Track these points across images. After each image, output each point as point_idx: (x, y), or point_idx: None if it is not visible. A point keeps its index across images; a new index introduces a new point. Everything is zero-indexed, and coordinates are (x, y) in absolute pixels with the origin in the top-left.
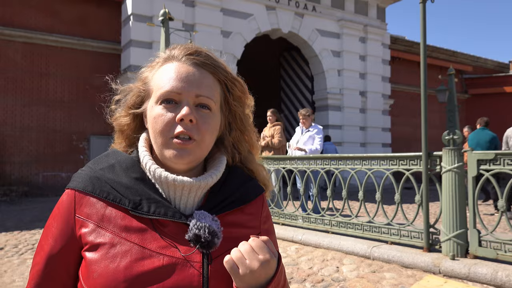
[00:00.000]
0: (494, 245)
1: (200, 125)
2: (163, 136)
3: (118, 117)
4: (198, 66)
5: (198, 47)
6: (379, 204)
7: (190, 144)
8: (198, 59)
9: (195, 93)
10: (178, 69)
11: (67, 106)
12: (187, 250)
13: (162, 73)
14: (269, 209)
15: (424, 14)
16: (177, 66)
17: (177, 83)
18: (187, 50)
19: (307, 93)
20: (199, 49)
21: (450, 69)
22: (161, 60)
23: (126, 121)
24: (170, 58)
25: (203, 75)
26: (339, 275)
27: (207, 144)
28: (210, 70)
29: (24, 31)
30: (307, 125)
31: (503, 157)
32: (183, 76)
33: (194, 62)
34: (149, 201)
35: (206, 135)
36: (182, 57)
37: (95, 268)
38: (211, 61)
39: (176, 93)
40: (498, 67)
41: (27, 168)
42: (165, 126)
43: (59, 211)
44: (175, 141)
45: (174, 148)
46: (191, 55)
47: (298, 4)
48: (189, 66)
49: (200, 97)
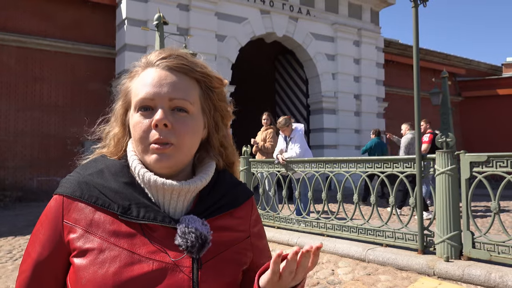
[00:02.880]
0: (487, 247)
1: (177, 128)
2: (142, 143)
3: (110, 134)
4: (171, 69)
5: (173, 49)
6: (374, 206)
7: (168, 149)
8: (171, 61)
9: (168, 97)
10: (151, 75)
11: (62, 110)
12: (177, 255)
13: (138, 81)
14: (265, 212)
15: (416, 18)
16: (151, 72)
17: (150, 89)
18: (160, 55)
19: (302, 97)
20: (172, 51)
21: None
22: (139, 69)
23: (116, 132)
24: (146, 65)
25: (177, 78)
26: (334, 278)
27: (189, 147)
28: (184, 71)
29: (18, 36)
30: (287, 133)
31: (495, 159)
32: (155, 82)
33: (167, 65)
34: (138, 206)
35: (185, 138)
36: (156, 62)
37: (84, 274)
38: (184, 62)
39: (150, 99)
40: (491, 69)
41: (21, 173)
42: (143, 133)
43: (47, 217)
44: (153, 146)
45: (153, 153)
46: (164, 59)
47: (293, 8)
48: (162, 70)
49: (174, 100)
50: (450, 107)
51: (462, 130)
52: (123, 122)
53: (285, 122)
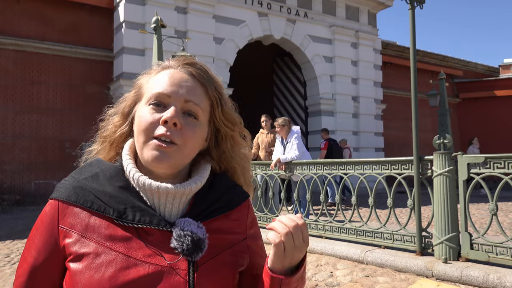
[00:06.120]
0: (485, 248)
1: (184, 130)
2: (144, 134)
3: (111, 122)
4: (192, 76)
5: (196, 60)
6: (372, 208)
7: (170, 148)
8: (193, 69)
9: (184, 98)
10: (172, 75)
11: (60, 113)
12: (173, 258)
13: (156, 78)
14: (263, 214)
15: (413, 20)
16: (172, 72)
17: (169, 86)
18: (184, 60)
19: (300, 99)
20: (196, 61)
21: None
22: (158, 68)
23: (118, 123)
24: (167, 67)
25: (195, 84)
26: (333, 280)
27: (190, 150)
28: (202, 81)
29: (15, 39)
30: (284, 134)
31: (493, 161)
32: (176, 81)
33: (189, 70)
34: (134, 210)
35: (189, 141)
36: (179, 66)
37: (80, 279)
38: (205, 74)
39: (166, 95)
40: (488, 71)
41: (19, 177)
42: (149, 125)
43: (42, 222)
44: (156, 142)
45: (154, 149)
46: (187, 65)
47: (290, 10)
48: (183, 74)
49: (189, 103)
50: (448, 109)
51: (460, 131)
52: (127, 112)
53: (282, 121)
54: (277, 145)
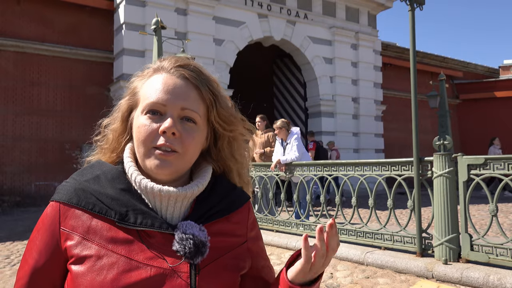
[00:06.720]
0: (485, 249)
1: (183, 138)
2: (144, 146)
3: (110, 132)
4: (186, 79)
5: (189, 60)
6: (372, 209)
7: (171, 156)
8: (187, 72)
9: (180, 106)
10: (165, 81)
11: (60, 115)
12: (175, 260)
13: (150, 83)
14: (263, 216)
15: (413, 22)
16: (165, 77)
17: (163, 94)
18: (176, 62)
19: (300, 100)
20: (189, 62)
21: (441, 75)
22: (151, 70)
23: (118, 132)
24: (160, 69)
25: (190, 89)
26: (333, 281)
27: (191, 156)
28: (197, 83)
29: (15, 41)
30: (283, 136)
31: (493, 162)
32: (170, 88)
33: (182, 74)
34: (136, 212)
35: (190, 148)
36: (171, 69)
37: (81, 282)
38: (199, 75)
39: (161, 104)
40: (488, 72)
41: (20, 178)
42: (148, 136)
43: (44, 224)
44: (157, 152)
45: (155, 158)
46: (180, 67)
47: (290, 11)
48: (176, 78)
49: (185, 110)
50: (448, 110)
51: (460, 132)
52: (125, 119)
53: (280, 123)
54: (277, 146)
